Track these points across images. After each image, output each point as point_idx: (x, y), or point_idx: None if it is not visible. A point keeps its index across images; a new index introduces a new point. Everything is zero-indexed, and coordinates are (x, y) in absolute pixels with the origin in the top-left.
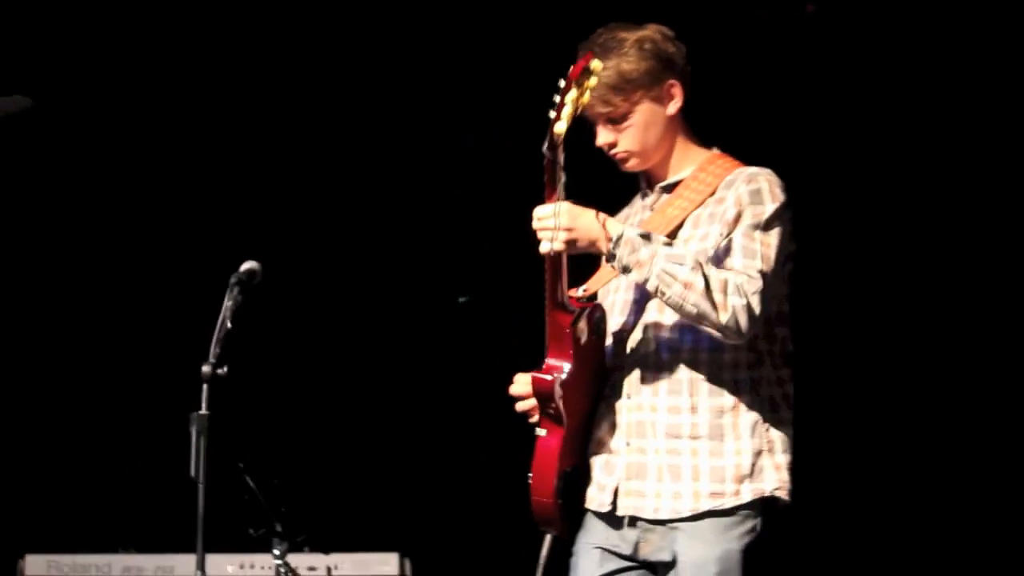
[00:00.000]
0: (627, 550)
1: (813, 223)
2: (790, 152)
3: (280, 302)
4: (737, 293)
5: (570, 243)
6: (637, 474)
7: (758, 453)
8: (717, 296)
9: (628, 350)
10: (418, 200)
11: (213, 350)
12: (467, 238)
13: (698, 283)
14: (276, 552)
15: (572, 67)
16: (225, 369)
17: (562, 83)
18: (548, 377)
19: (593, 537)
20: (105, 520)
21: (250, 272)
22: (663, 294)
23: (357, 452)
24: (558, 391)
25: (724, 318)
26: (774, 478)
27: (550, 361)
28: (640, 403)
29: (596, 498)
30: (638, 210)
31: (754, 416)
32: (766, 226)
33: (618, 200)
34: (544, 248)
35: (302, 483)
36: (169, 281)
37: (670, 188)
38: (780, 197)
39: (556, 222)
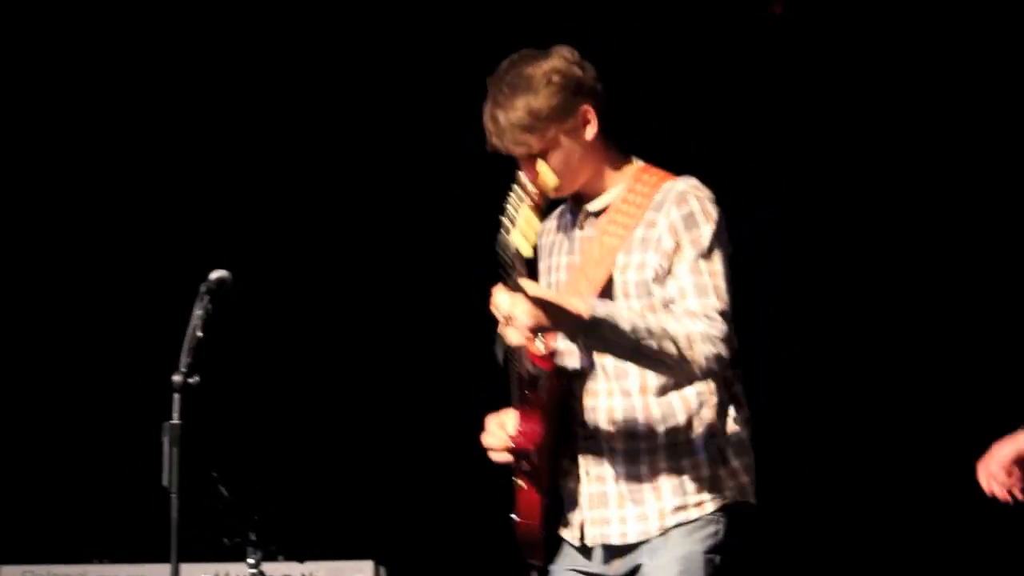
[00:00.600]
0: (600, 569)
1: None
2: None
3: (253, 309)
4: (706, 342)
5: (536, 329)
6: (599, 503)
7: (714, 463)
8: (687, 354)
9: (581, 381)
10: (406, 205)
11: (184, 359)
12: (457, 243)
13: (669, 349)
14: (251, 561)
15: (526, 177)
16: (196, 378)
17: (520, 195)
18: (529, 446)
19: (566, 560)
20: (80, 530)
21: (220, 280)
22: (638, 363)
23: (331, 460)
24: (537, 455)
25: (697, 370)
26: (732, 485)
27: (526, 426)
28: (596, 433)
29: (566, 531)
30: (564, 227)
31: (706, 428)
32: (708, 253)
33: None
34: (510, 339)
35: (276, 491)
36: (140, 290)
37: (598, 212)
38: (713, 215)
39: (515, 313)
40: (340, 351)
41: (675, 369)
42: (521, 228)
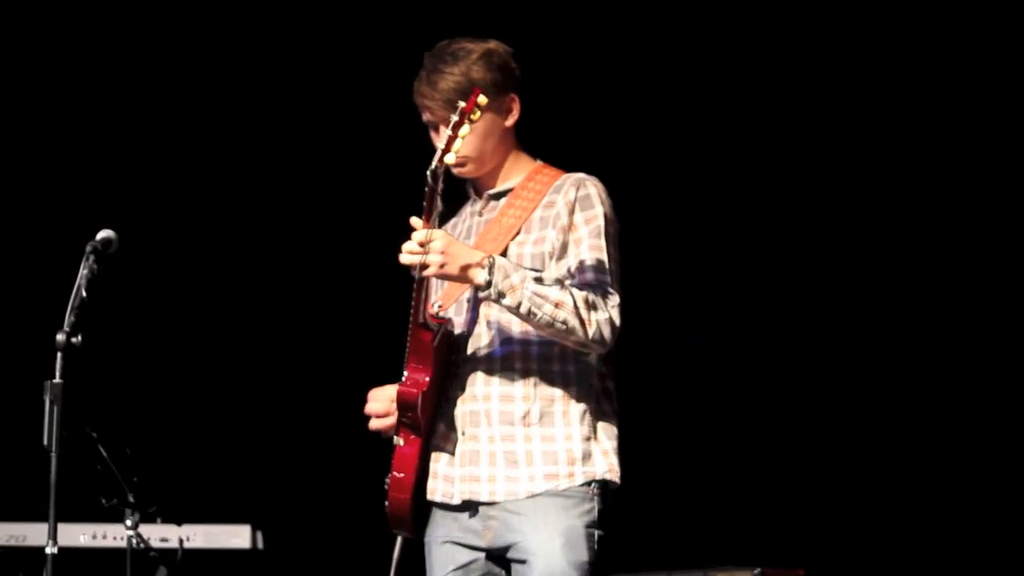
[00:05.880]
0: (474, 540)
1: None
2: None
3: (139, 270)
4: (599, 308)
5: (442, 267)
6: (471, 461)
7: (587, 439)
8: (583, 313)
9: (466, 345)
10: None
11: (68, 319)
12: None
13: (567, 302)
14: (128, 523)
15: (466, 103)
16: (79, 338)
17: (454, 118)
18: (414, 390)
19: (441, 531)
20: None
21: (106, 241)
22: (534, 315)
23: (210, 424)
24: (420, 402)
25: (590, 332)
26: (603, 463)
27: (413, 375)
28: (475, 394)
29: (440, 489)
30: (467, 216)
31: (582, 406)
32: (605, 235)
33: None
34: (418, 272)
35: (155, 454)
36: (23, 249)
37: (498, 196)
38: (607, 202)
39: (430, 247)
40: (223, 314)
41: (571, 328)
42: (455, 148)
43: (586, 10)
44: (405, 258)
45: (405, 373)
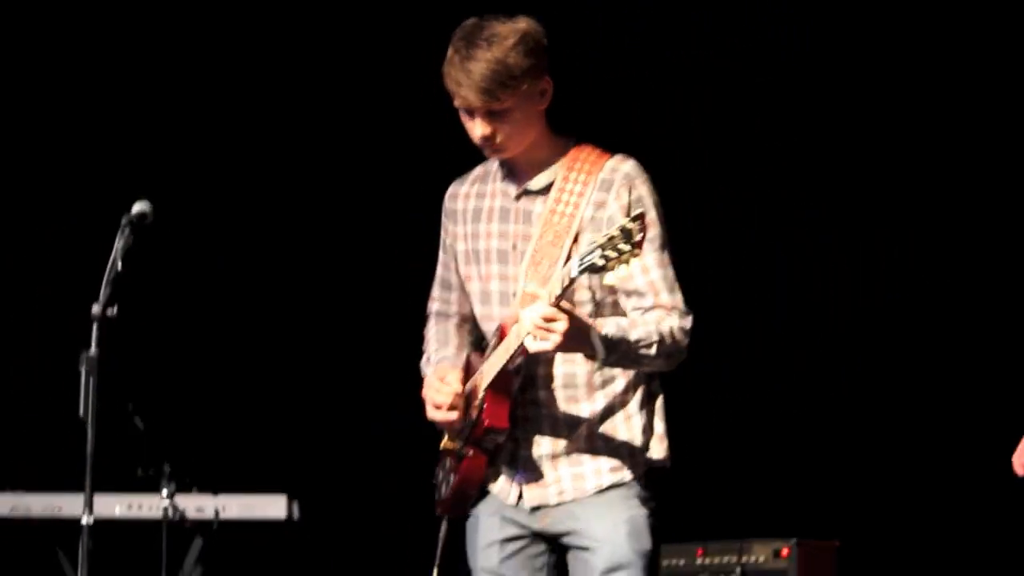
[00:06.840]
0: (527, 521)
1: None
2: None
3: (173, 241)
4: (683, 335)
5: (561, 344)
6: (535, 466)
7: (645, 429)
8: (671, 349)
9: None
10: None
11: (103, 290)
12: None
13: (664, 344)
14: (164, 493)
15: (642, 235)
16: (115, 309)
17: (626, 246)
18: (504, 424)
19: (493, 506)
20: None
21: (141, 214)
22: (631, 366)
23: (246, 394)
24: (505, 436)
25: (674, 363)
26: (659, 448)
27: (494, 407)
28: (536, 399)
29: (500, 485)
30: (497, 194)
31: (639, 395)
32: (666, 244)
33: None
34: (538, 346)
35: (191, 424)
36: (60, 220)
37: (539, 191)
38: (656, 198)
39: (554, 327)
40: (260, 286)
41: (658, 366)
42: (617, 272)
43: (586, 10)
44: (533, 344)
45: (485, 404)
